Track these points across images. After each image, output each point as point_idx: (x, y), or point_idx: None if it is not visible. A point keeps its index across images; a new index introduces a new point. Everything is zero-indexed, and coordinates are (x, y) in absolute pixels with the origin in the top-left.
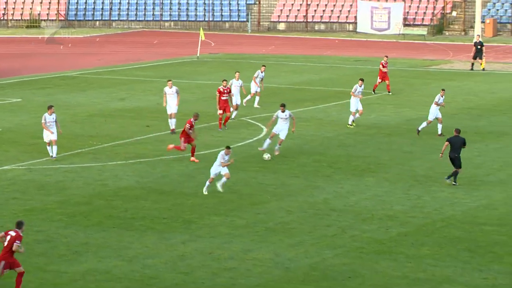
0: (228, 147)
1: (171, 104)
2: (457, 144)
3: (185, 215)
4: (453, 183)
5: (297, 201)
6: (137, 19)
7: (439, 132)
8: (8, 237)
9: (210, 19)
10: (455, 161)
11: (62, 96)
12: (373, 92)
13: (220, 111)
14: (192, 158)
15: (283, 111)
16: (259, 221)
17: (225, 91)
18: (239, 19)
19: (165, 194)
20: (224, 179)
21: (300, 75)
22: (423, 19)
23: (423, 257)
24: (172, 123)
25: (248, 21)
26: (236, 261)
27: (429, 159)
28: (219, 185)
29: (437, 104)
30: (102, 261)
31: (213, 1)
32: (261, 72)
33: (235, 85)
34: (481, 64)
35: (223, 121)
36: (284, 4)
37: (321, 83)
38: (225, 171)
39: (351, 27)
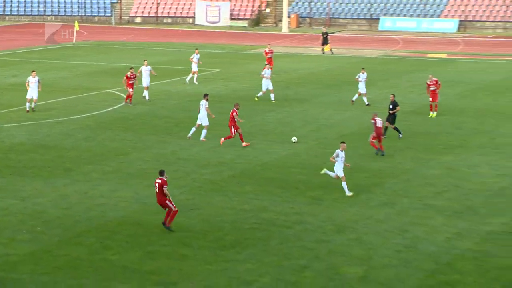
0: (342, 142)
1: (33, 91)
2: (397, 106)
3: (65, 165)
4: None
5: (152, 152)
6: (26, 14)
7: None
8: (157, 184)
9: (83, 14)
10: (395, 119)
11: None
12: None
13: (130, 90)
14: (244, 144)
15: (207, 100)
16: (123, 168)
17: (132, 76)
18: (105, 14)
19: (50, 149)
20: (343, 183)
21: (152, 57)
22: (244, 14)
23: (247, 193)
24: (29, 106)
25: (112, 16)
26: (106, 199)
27: (250, 119)
28: (346, 191)
29: (357, 80)
30: (1, 201)
31: (84, 0)
32: (196, 54)
33: (145, 70)
34: (325, 48)
35: (129, 100)
36: (140, 2)
37: (168, 63)
38: (341, 174)
39: (190, 20)
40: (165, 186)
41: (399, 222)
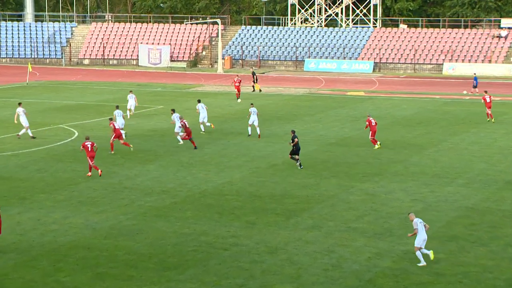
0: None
1: None
2: (296, 139)
3: (20, 194)
4: (300, 167)
5: (100, 182)
6: None
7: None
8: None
9: (35, 56)
10: (298, 151)
11: None
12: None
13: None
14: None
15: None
16: (74, 196)
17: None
18: (56, 56)
19: (5, 179)
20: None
21: (100, 95)
22: (183, 56)
23: (187, 218)
24: None
25: (62, 58)
26: (58, 225)
27: (190, 151)
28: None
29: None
30: None
31: (37, 43)
32: (131, 94)
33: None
34: (256, 87)
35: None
36: (87, 46)
37: (115, 101)
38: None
39: (134, 62)
40: None
41: (326, 243)
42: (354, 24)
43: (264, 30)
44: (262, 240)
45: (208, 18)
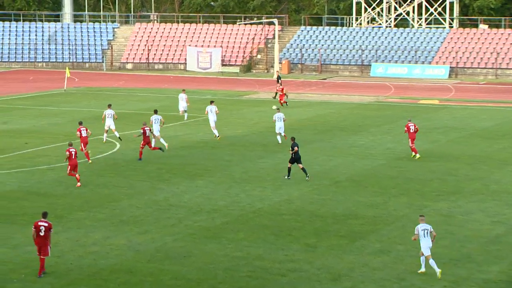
0: (421, 215)
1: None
2: (296, 147)
3: (57, 212)
4: (307, 177)
5: (144, 199)
6: (16, 60)
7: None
8: (43, 228)
9: (74, 60)
10: (298, 159)
11: None
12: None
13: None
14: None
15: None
16: (115, 215)
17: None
18: (96, 60)
19: (41, 196)
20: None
21: (144, 103)
22: (236, 60)
23: (240, 240)
24: None
25: (103, 62)
26: (98, 246)
27: (243, 165)
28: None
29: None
30: None
31: (75, 46)
32: (183, 93)
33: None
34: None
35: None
36: (131, 49)
37: (161, 109)
38: (428, 252)
39: (182, 66)
40: (52, 229)
41: (395, 270)
42: (427, 24)
43: (326, 31)
44: (324, 265)
45: (263, 18)
